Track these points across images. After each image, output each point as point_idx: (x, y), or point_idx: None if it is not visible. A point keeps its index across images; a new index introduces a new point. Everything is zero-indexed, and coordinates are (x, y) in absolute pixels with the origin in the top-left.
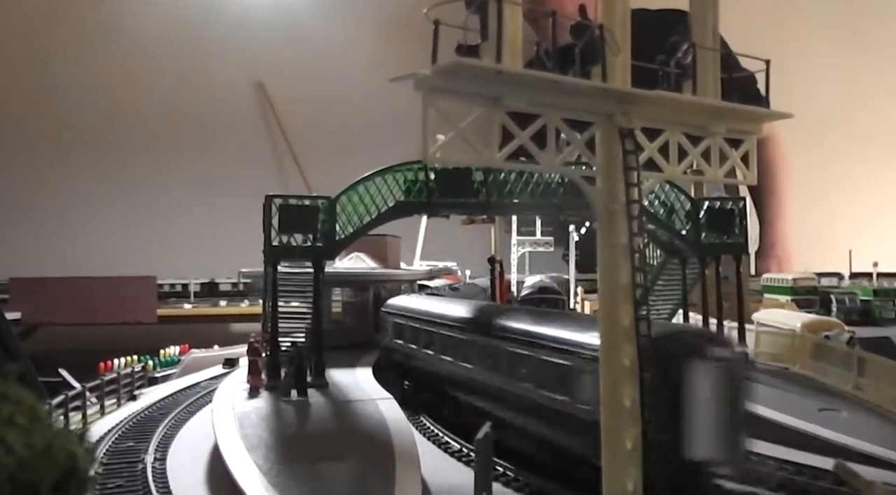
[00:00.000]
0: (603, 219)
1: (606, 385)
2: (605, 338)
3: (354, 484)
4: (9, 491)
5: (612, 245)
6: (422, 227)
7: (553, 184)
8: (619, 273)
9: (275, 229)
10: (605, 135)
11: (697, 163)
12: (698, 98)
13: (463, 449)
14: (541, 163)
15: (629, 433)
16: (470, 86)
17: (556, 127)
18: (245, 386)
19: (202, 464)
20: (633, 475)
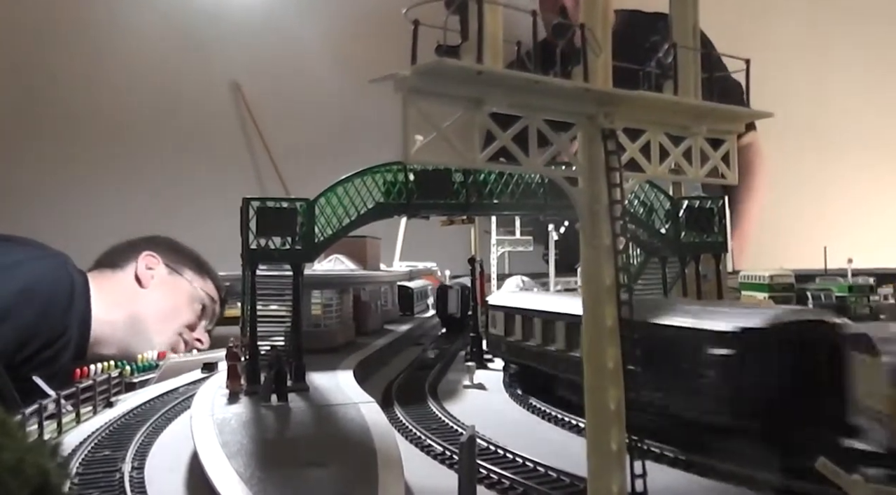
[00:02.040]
0: (585, 220)
1: (590, 387)
2: (588, 339)
3: (337, 489)
4: None
5: (596, 246)
6: (401, 229)
7: (533, 185)
8: (603, 274)
9: (252, 232)
10: (586, 135)
11: (679, 163)
12: (680, 98)
13: (446, 453)
14: (523, 164)
15: (614, 435)
16: (450, 87)
17: (538, 128)
18: (224, 392)
19: (181, 472)
20: (617, 479)
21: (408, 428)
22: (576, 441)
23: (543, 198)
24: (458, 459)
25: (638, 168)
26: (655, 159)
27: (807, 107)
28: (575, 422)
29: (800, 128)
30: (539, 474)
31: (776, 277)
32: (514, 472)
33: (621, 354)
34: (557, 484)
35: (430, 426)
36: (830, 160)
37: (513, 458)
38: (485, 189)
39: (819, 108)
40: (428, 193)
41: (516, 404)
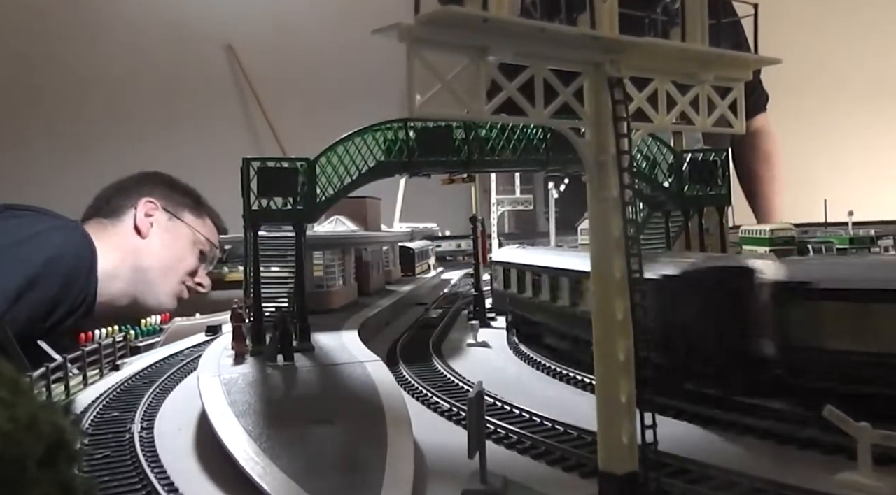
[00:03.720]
0: (592, 172)
1: (599, 338)
2: (597, 292)
3: (346, 446)
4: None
5: (603, 198)
6: (400, 188)
7: (535, 141)
8: (611, 226)
9: (254, 193)
10: (593, 85)
11: (686, 113)
12: (688, 45)
13: (453, 409)
14: (529, 115)
15: (623, 385)
16: (456, 36)
17: (545, 78)
18: (230, 353)
19: (190, 432)
20: (627, 427)
21: (414, 386)
22: (582, 396)
23: (546, 153)
24: (466, 415)
25: (645, 118)
26: (663, 109)
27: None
28: (580, 378)
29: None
30: (546, 428)
31: (776, 231)
32: (521, 427)
33: (630, 307)
34: (565, 438)
35: (436, 383)
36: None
37: (519, 413)
38: (486, 145)
39: (818, 56)
40: (429, 151)
41: (521, 361)
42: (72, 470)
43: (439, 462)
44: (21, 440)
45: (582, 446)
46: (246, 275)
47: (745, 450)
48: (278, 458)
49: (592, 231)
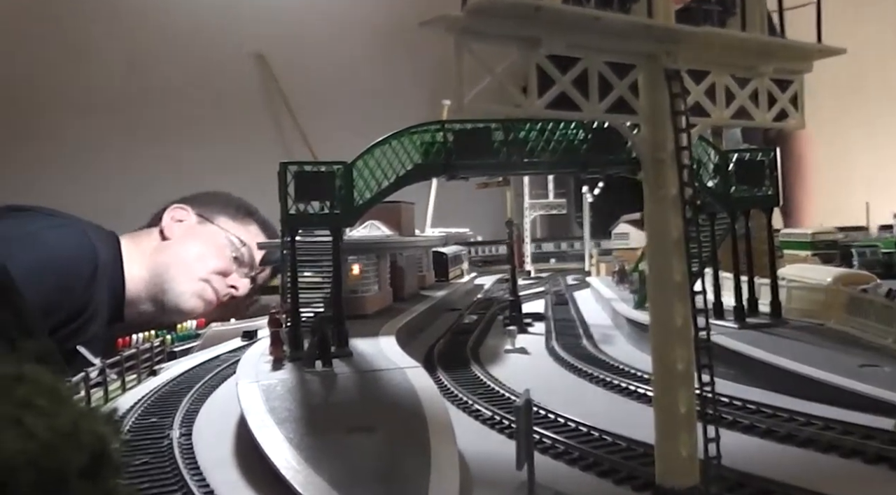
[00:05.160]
0: (649, 170)
1: (657, 346)
2: (653, 297)
3: (388, 455)
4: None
5: (661, 197)
6: (432, 193)
7: (576, 141)
8: (669, 226)
9: (291, 197)
10: (649, 77)
11: (745, 107)
12: (748, 34)
13: (495, 417)
14: (583, 110)
15: (682, 396)
16: (505, 26)
17: (599, 71)
18: (267, 358)
19: (229, 438)
20: (686, 439)
21: (453, 393)
22: (629, 405)
23: (586, 155)
24: (514, 424)
25: (701, 113)
26: (721, 102)
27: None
28: (625, 385)
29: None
30: (594, 438)
31: (818, 234)
32: (568, 437)
33: (691, 313)
34: (614, 449)
35: (477, 390)
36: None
37: (564, 422)
38: (525, 147)
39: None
40: (467, 153)
41: (562, 367)
42: (115, 481)
43: (483, 472)
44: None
45: (632, 458)
46: (283, 280)
47: (806, 464)
48: (320, 467)
49: (649, 231)
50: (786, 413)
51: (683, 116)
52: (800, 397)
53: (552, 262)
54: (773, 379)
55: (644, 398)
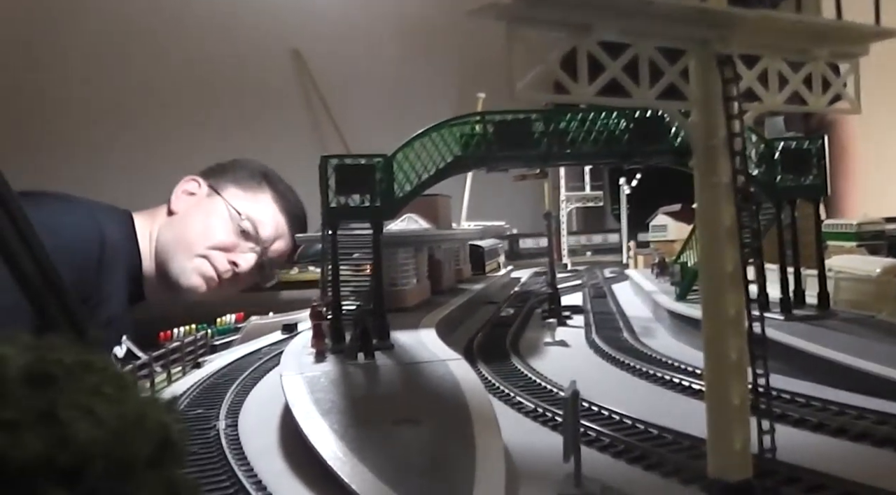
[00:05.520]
0: (701, 157)
1: (709, 336)
2: (706, 286)
3: (433, 446)
4: (102, 466)
5: (712, 184)
6: (467, 186)
7: (617, 131)
8: (721, 214)
9: (332, 190)
10: (700, 63)
11: (799, 92)
12: (803, 16)
13: (538, 409)
14: (634, 96)
15: (735, 388)
16: (556, 12)
17: (650, 57)
18: (310, 351)
19: (273, 429)
20: (739, 432)
21: (495, 385)
22: (672, 396)
23: (628, 145)
24: (562, 415)
25: (753, 98)
26: (774, 87)
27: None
28: (669, 377)
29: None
30: (639, 431)
31: (864, 225)
32: (613, 429)
33: (744, 302)
34: (660, 441)
35: (518, 383)
36: None
37: (609, 415)
38: (566, 138)
39: None
40: (507, 144)
41: (603, 360)
42: (177, 470)
43: (528, 464)
44: (129, 438)
45: (679, 450)
46: (323, 273)
47: (860, 458)
48: (365, 458)
49: (700, 220)
50: (836, 406)
51: (736, 102)
52: (850, 390)
53: (588, 255)
54: (823, 371)
55: (689, 390)
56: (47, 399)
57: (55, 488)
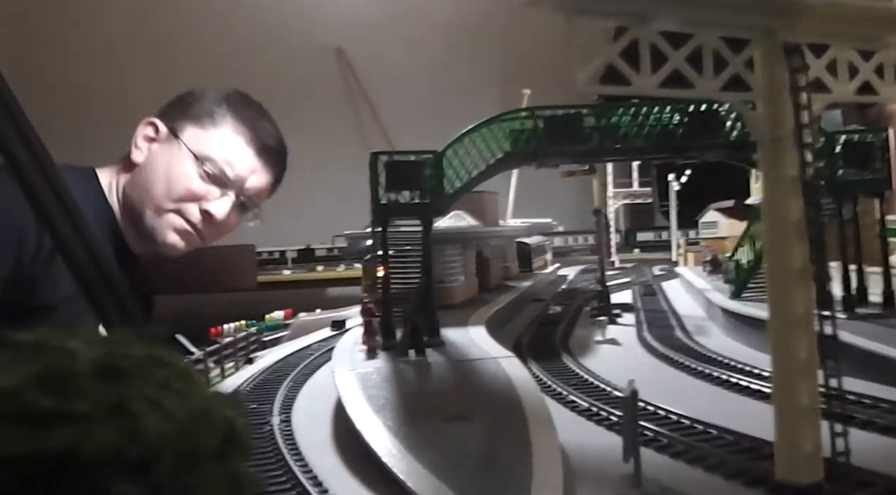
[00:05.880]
0: (767, 150)
1: (776, 335)
2: (773, 283)
3: (488, 444)
4: (170, 460)
5: (779, 177)
6: (512, 183)
7: (671, 126)
8: (788, 209)
9: (382, 187)
10: (766, 52)
11: (870, 82)
12: (875, 3)
13: (592, 408)
14: (697, 88)
15: (804, 387)
16: (615, 3)
17: (713, 47)
18: (361, 347)
19: (326, 424)
20: (809, 433)
21: (546, 384)
22: (730, 397)
23: (682, 139)
24: (621, 415)
25: (822, 88)
26: (844, 77)
27: None
28: (726, 377)
29: None
30: (697, 431)
31: None
32: (670, 429)
33: (815, 301)
34: (720, 442)
35: (570, 381)
36: None
37: (665, 415)
38: (618, 132)
39: None
40: (557, 140)
41: (656, 359)
42: (242, 464)
43: (584, 464)
44: (196, 432)
45: (741, 452)
46: (367, 270)
47: None
48: (419, 454)
49: (766, 215)
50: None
51: (804, 92)
52: None
53: (636, 253)
54: (889, 371)
55: (748, 391)
56: (117, 392)
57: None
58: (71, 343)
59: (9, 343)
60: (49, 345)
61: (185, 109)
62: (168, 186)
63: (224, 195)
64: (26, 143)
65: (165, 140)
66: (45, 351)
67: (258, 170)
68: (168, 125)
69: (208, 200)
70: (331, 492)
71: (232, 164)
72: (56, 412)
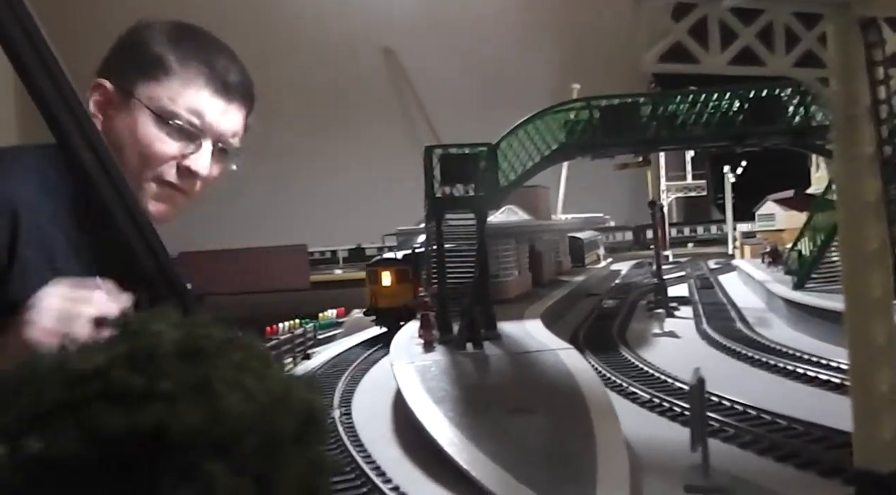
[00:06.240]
0: (841, 127)
1: (852, 320)
2: (848, 266)
3: (551, 435)
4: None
5: (854, 156)
6: (562, 177)
7: (730, 113)
8: (865, 188)
9: (437, 181)
10: (839, 27)
11: None
12: None
13: (654, 400)
14: (768, 64)
15: (883, 375)
16: None
17: (785, 23)
18: (418, 341)
19: (387, 416)
20: (889, 422)
21: (606, 376)
22: (796, 387)
23: (742, 126)
24: (688, 405)
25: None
26: None
27: None
28: (791, 368)
29: None
30: (765, 422)
31: None
32: (737, 419)
33: (893, 280)
34: (789, 432)
35: (630, 373)
36: None
37: (730, 405)
38: (675, 121)
39: None
40: (614, 130)
41: (716, 350)
42: (320, 447)
43: (649, 455)
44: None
45: (813, 441)
46: (428, 266)
47: None
48: (482, 445)
49: (840, 195)
50: None
51: (881, 67)
52: None
53: (690, 247)
54: None
55: (816, 381)
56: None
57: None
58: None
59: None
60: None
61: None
62: (139, 157)
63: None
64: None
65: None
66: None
67: (228, 109)
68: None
69: (186, 157)
70: (395, 482)
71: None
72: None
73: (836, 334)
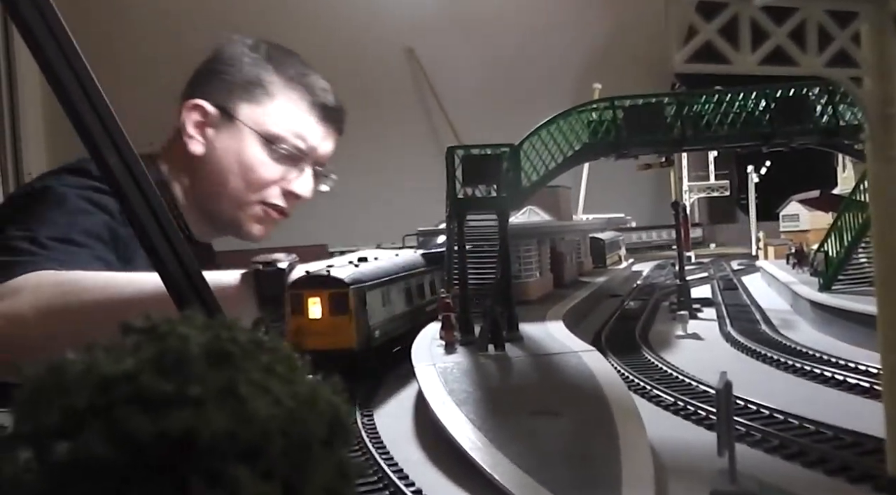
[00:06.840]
0: (875, 128)
1: (886, 323)
2: (882, 271)
3: (574, 438)
4: (281, 444)
5: (890, 158)
6: (583, 178)
7: (757, 112)
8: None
9: (459, 182)
10: (875, 25)
11: None
12: None
13: (678, 403)
14: (801, 64)
15: None
16: None
17: (818, 21)
18: (439, 342)
19: (407, 419)
20: None
21: (629, 378)
22: (825, 391)
23: (770, 125)
24: (715, 409)
25: None
26: None
27: None
28: (819, 371)
29: None
30: (793, 426)
31: None
32: (764, 423)
33: None
34: (818, 437)
35: (653, 376)
36: None
37: (756, 409)
38: (701, 121)
39: None
40: (638, 130)
41: (741, 353)
42: (346, 451)
43: (675, 459)
44: (304, 417)
45: (843, 447)
46: (448, 266)
47: None
48: (505, 448)
49: (874, 199)
50: None
51: None
52: None
53: (712, 248)
54: None
55: (844, 385)
56: (227, 376)
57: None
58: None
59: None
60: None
61: (224, 80)
62: (244, 178)
63: (303, 171)
64: (119, 154)
65: (220, 123)
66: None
67: (328, 135)
68: (217, 105)
69: (289, 181)
70: (417, 486)
71: (304, 137)
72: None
73: (864, 337)
